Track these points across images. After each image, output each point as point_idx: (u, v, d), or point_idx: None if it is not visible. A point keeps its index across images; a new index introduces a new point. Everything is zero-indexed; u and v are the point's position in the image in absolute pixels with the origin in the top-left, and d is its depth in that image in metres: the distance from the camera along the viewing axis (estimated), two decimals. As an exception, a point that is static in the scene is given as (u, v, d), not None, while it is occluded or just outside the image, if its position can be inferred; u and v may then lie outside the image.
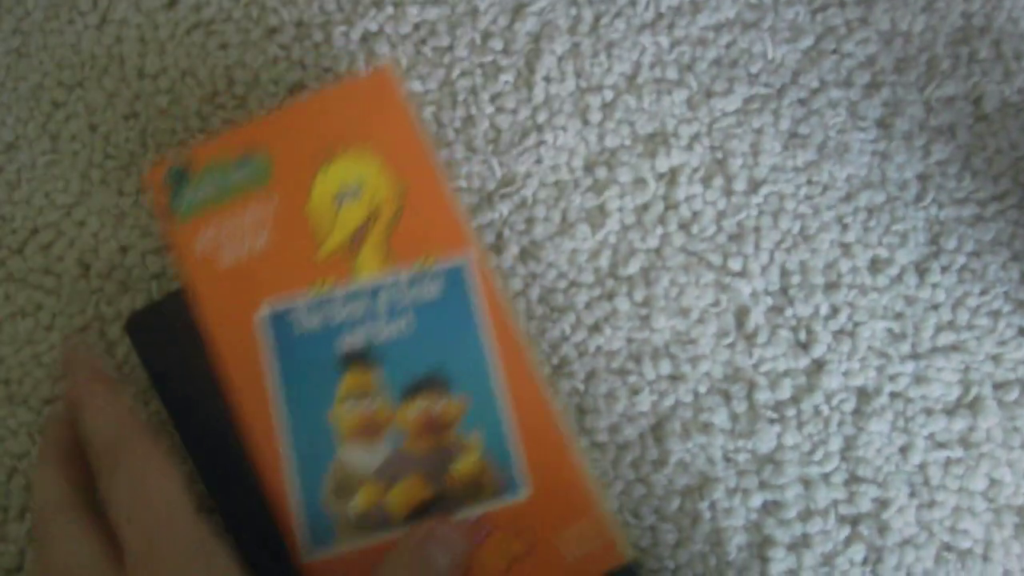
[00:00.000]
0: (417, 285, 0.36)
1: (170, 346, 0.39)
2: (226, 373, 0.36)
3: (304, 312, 0.36)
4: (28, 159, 0.42)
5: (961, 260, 0.40)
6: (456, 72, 0.42)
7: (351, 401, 0.35)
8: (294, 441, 0.35)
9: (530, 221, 0.40)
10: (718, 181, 0.41)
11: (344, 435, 0.35)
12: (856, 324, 0.39)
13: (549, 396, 0.35)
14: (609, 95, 0.41)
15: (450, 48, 0.42)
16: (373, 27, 0.43)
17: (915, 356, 0.39)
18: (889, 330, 0.39)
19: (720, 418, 0.38)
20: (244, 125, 0.37)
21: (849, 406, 0.38)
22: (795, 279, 0.39)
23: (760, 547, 0.37)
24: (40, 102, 0.43)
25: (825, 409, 0.38)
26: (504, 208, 0.40)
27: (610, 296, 0.39)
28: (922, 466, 0.38)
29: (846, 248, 0.40)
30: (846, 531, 0.37)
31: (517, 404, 0.35)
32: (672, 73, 0.42)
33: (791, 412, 0.38)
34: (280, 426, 0.35)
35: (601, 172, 0.41)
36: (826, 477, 0.38)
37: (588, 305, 0.39)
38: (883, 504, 0.37)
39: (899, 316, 0.39)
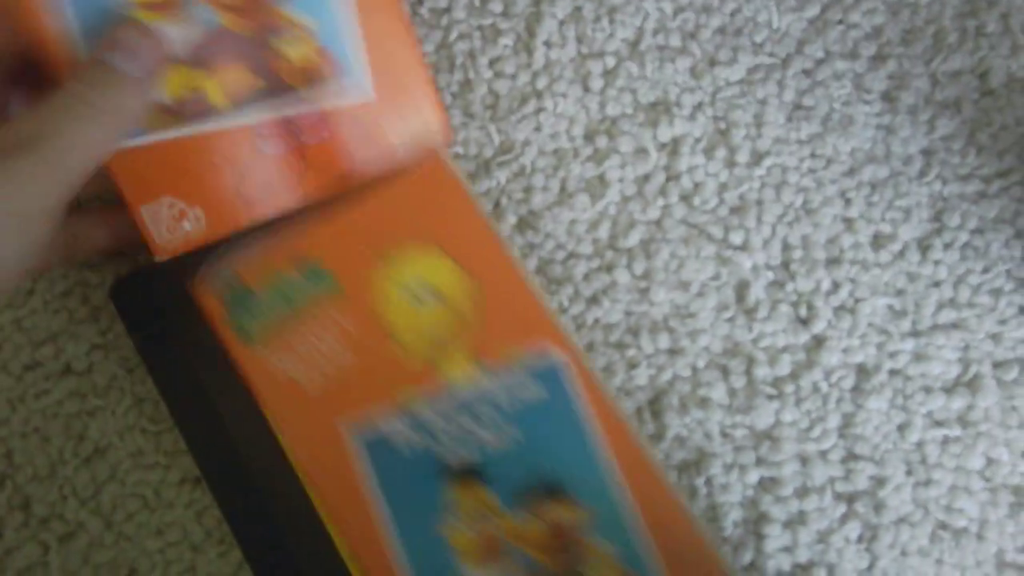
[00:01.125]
0: (514, 389, 0.34)
1: (155, 313, 0.37)
2: (319, 495, 0.34)
3: (398, 428, 0.34)
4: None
5: (964, 237, 0.39)
6: (454, 35, 0.41)
7: (469, 516, 0.33)
8: (408, 558, 0.33)
9: (528, 190, 0.39)
10: (721, 152, 0.40)
11: (462, 552, 0.33)
12: (857, 300, 0.38)
13: (675, 494, 0.34)
14: (611, 62, 0.40)
15: (448, 10, 0.41)
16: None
17: (915, 334, 0.38)
18: (890, 307, 0.39)
19: (718, 393, 0.38)
20: (298, 235, 0.35)
21: (848, 383, 0.38)
22: (797, 253, 0.39)
23: (756, 523, 0.37)
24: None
25: (824, 386, 0.38)
26: (502, 176, 0.39)
27: (609, 268, 0.39)
28: (919, 444, 0.37)
29: (849, 223, 0.39)
30: (842, 508, 0.37)
31: (644, 509, 0.33)
32: (675, 40, 0.41)
33: (790, 388, 0.38)
34: (392, 545, 0.34)
35: (602, 141, 0.40)
36: (823, 454, 0.37)
37: (586, 277, 0.39)
38: (880, 482, 0.37)
39: (900, 293, 0.39)
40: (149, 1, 0.33)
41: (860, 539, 0.37)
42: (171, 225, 0.35)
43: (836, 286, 0.39)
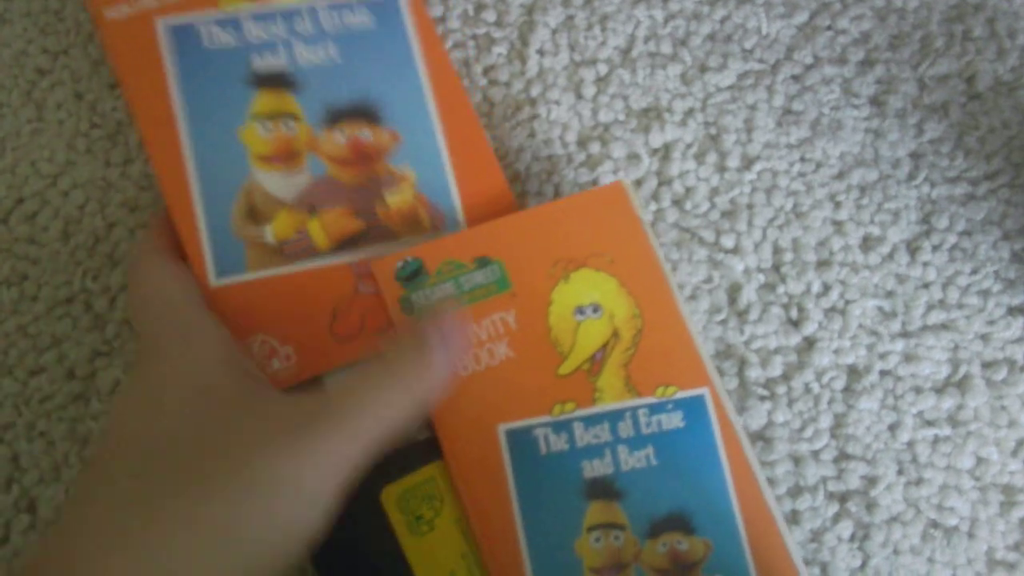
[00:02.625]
0: (658, 415, 0.35)
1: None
2: (459, 492, 0.34)
3: (545, 434, 0.35)
4: (12, 127, 0.42)
5: (952, 239, 0.40)
6: (449, 44, 0.42)
7: (598, 532, 0.34)
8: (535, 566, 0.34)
9: (522, 196, 0.40)
10: (711, 157, 0.40)
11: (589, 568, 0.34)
12: (847, 302, 0.39)
13: (787, 539, 0.34)
14: (603, 69, 0.41)
15: (443, 19, 0.42)
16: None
17: (905, 334, 0.39)
18: (880, 308, 0.39)
19: (710, 394, 0.38)
20: (479, 228, 0.36)
21: (839, 384, 0.38)
22: (787, 256, 0.39)
23: (749, 523, 0.37)
24: (24, 69, 0.42)
25: (815, 387, 0.38)
26: (496, 182, 0.40)
27: (602, 272, 0.39)
28: (910, 444, 0.38)
29: (838, 226, 0.40)
30: (835, 508, 0.37)
31: (756, 551, 0.34)
32: (666, 47, 0.42)
33: (782, 389, 0.38)
34: (521, 557, 0.34)
35: (595, 147, 0.40)
36: (816, 454, 0.38)
37: (580, 280, 0.39)
38: (871, 481, 0.37)
39: (890, 294, 0.39)
40: (267, 154, 0.36)
41: (852, 538, 0.37)
42: (260, 363, 0.35)
43: (826, 288, 0.39)
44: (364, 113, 0.37)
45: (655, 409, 0.35)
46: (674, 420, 0.35)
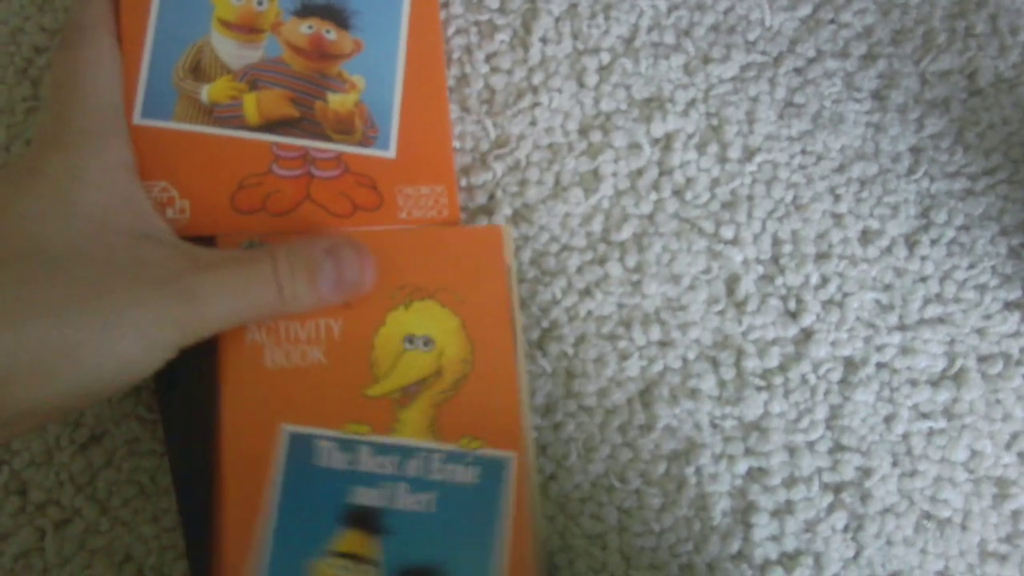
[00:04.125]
0: (453, 464, 0.34)
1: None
2: (223, 472, 0.34)
3: (329, 448, 0.34)
4: (7, 105, 0.41)
5: (950, 234, 0.40)
6: (451, 30, 0.41)
7: (344, 561, 0.33)
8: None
9: (523, 183, 0.40)
10: (713, 148, 0.40)
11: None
12: (845, 294, 0.39)
13: None
14: (606, 58, 0.41)
15: (445, 5, 0.42)
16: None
17: (902, 328, 0.39)
18: (877, 301, 0.39)
19: (708, 385, 0.38)
20: (338, 230, 0.36)
21: (836, 375, 0.38)
22: (786, 248, 0.39)
23: (744, 513, 0.37)
24: (21, 47, 0.42)
25: (812, 378, 0.38)
26: (498, 169, 0.40)
27: (602, 261, 0.39)
28: (905, 436, 0.38)
29: (838, 219, 0.40)
30: (829, 498, 0.37)
31: None
32: (670, 37, 0.41)
33: (778, 380, 0.38)
34: (256, 558, 0.33)
35: (596, 136, 0.40)
36: (811, 445, 0.38)
37: (580, 269, 0.39)
38: (866, 473, 0.38)
39: (888, 288, 0.39)
40: (231, 21, 0.37)
41: (846, 529, 0.37)
42: (155, 208, 0.35)
43: (825, 280, 0.39)
44: (336, 15, 0.38)
45: (452, 458, 0.34)
46: (468, 475, 0.34)
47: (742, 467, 0.38)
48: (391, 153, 0.37)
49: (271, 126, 0.37)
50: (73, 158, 0.32)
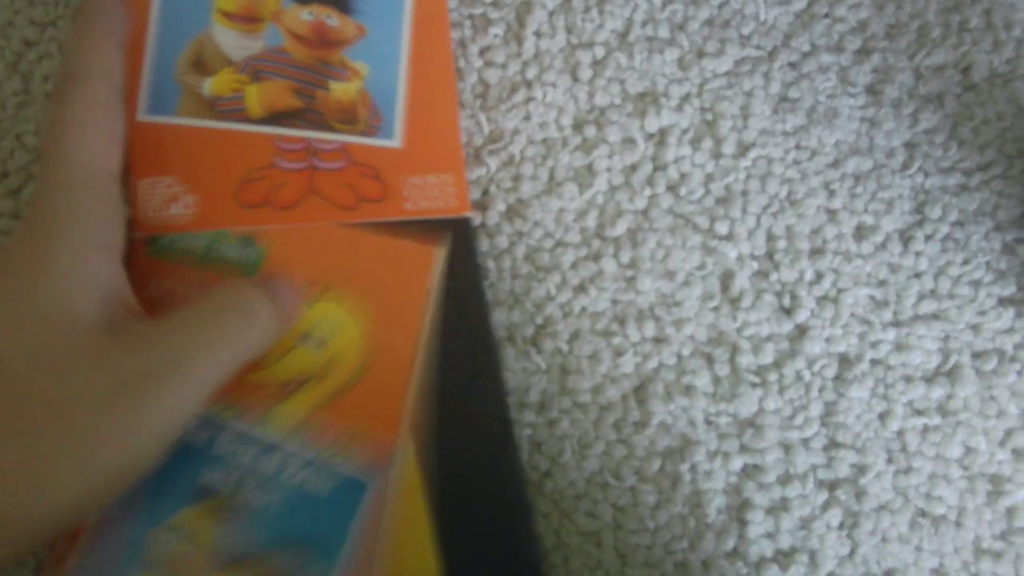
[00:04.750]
0: (308, 472, 0.32)
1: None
2: None
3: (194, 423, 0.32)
4: (-4, 100, 0.41)
5: (945, 229, 0.40)
6: (444, 24, 0.41)
7: (177, 537, 0.31)
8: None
9: (517, 178, 0.40)
10: (707, 143, 0.40)
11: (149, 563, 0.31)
12: (840, 290, 0.39)
13: None
14: (600, 52, 0.41)
15: (438, -1, 0.41)
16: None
17: (897, 324, 0.39)
18: (872, 297, 0.39)
19: (702, 381, 0.38)
20: (269, 216, 0.36)
21: (830, 372, 0.38)
22: (781, 244, 0.39)
23: (739, 510, 0.37)
24: (11, 41, 0.41)
25: (807, 374, 0.38)
26: (492, 164, 0.40)
27: (596, 257, 0.39)
28: (900, 433, 0.38)
29: (832, 214, 0.40)
30: (824, 496, 0.37)
31: None
32: (664, 32, 0.41)
33: (773, 377, 0.38)
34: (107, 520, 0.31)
35: (590, 131, 0.40)
36: (806, 442, 0.38)
37: (574, 265, 0.39)
38: (861, 470, 0.38)
39: (882, 283, 0.39)
40: (231, 11, 0.37)
41: (841, 526, 0.37)
42: (161, 204, 0.35)
43: (819, 276, 0.39)
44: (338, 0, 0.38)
45: (310, 464, 0.32)
46: (320, 486, 0.32)
47: (737, 464, 0.37)
48: (396, 142, 0.37)
49: (274, 118, 0.37)
50: (41, 243, 0.30)
